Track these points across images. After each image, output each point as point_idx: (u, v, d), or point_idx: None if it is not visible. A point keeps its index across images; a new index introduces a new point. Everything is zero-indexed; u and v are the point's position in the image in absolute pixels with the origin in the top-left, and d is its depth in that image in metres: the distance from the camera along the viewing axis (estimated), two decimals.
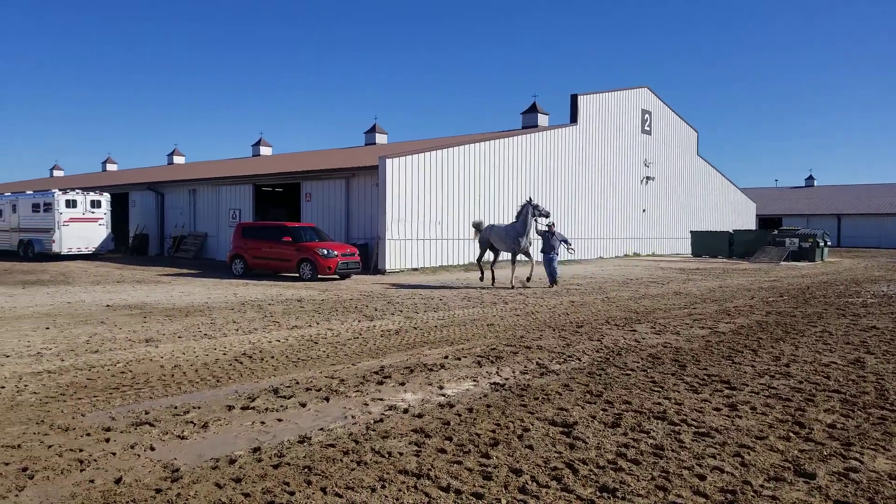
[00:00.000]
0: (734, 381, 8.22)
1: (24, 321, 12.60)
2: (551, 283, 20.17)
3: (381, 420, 6.52)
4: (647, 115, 41.73)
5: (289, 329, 11.99)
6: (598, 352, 10.09)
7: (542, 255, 20.56)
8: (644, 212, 41.77)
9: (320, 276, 22.07)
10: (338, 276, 22.77)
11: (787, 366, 9.14)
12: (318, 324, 12.68)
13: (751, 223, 53.92)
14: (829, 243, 39.28)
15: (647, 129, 41.82)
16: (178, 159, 55.82)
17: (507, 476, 5.13)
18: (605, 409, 6.92)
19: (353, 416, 6.65)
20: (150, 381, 8.03)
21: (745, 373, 8.70)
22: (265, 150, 51.31)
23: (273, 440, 5.92)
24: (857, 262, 37.83)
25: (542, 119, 36.47)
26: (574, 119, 36.09)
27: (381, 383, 8.02)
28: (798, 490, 4.93)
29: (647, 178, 41.65)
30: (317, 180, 29.34)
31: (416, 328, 12.35)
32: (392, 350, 10.20)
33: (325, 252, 21.93)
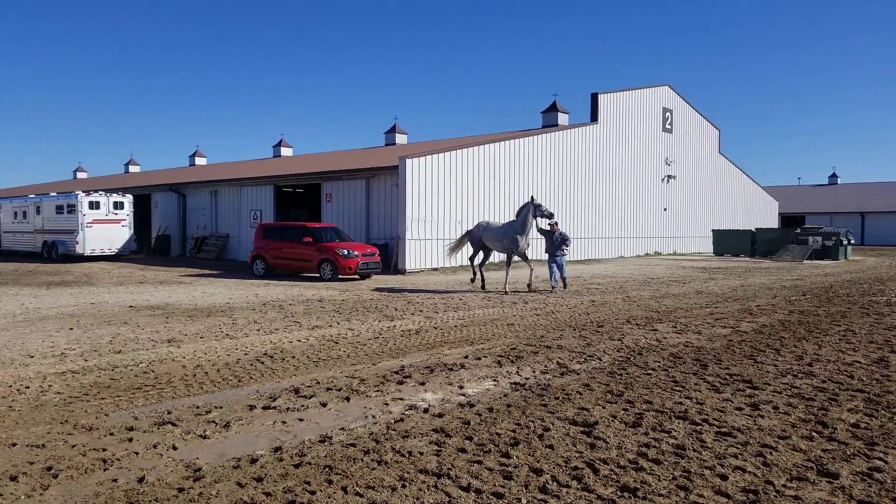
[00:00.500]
0: (756, 380, 8.14)
1: (48, 322, 12.78)
2: (564, 286, 19.06)
3: (402, 420, 6.54)
4: (668, 114, 41.43)
5: (309, 329, 12.06)
6: (618, 351, 10.03)
7: (548, 256, 19.21)
8: (665, 210, 41.47)
9: (341, 276, 22.16)
10: (358, 277, 22.84)
11: (810, 365, 9.04)
12: (338, 324, 12.74)
13: (773, 222, 53.30)
14: (852, 241, 38.77)
15: (669, 127, 41.51)
16: (199, 160, 56.22)
17: (528, 476, 5.12)
18: (625, 409, 6.89)
19: (373, 416, 6.67)
20: (173, 381, 8.11)
21: (768, 372, 8.61)
22: (286, 151, 51.61)
23: (294, 440, 5.96)
24: (882, 260, 37.28)
25: (563, 118, 36.32)
26: (595, 118, 35.90)
27: (401, 383, 8.04)
28: (821, 490, 4.88)
29: (669, 176, 41.37)
30: (337, 181, 29.46)
31: (436, 328, 12.36)
32: (412, 350, 10.22)
33: (346, 252, 22.02)
